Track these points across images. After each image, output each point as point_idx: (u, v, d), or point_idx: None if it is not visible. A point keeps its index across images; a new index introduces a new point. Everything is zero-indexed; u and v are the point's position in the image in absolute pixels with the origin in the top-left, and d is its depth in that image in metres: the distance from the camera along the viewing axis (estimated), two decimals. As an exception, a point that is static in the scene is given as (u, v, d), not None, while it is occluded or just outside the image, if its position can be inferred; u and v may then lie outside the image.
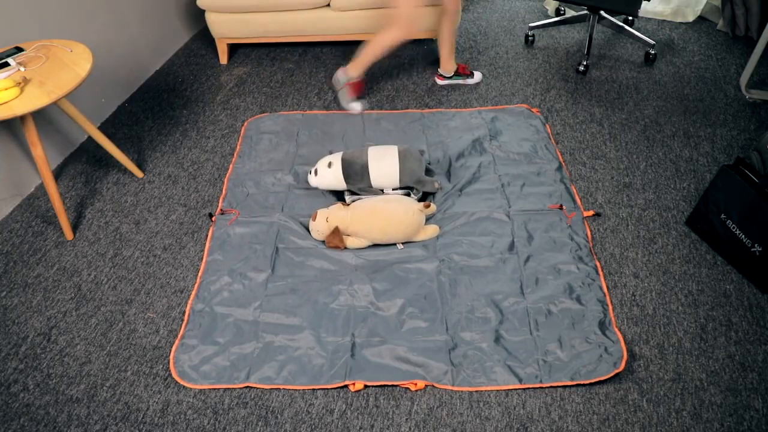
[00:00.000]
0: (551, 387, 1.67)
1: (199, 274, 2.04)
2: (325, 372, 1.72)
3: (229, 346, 1.80)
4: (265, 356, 1.77)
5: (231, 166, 2.50)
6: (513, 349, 1.74)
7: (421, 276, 1.96)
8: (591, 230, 2.12)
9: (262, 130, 2.68)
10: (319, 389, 1.70)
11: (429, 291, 1.91)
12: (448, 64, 2.85)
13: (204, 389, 1.72)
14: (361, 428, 1.61)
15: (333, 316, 1.86)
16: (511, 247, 2.03)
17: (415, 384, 1.68)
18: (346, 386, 1.70)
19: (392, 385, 1.69)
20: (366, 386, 1.69)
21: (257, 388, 1.71)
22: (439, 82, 2.93)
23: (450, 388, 1.67)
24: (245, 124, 2.74)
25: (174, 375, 1.74)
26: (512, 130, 2.58)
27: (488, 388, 1.66)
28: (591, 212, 2.15)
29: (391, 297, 1.89)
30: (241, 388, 1.71)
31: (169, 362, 1.79)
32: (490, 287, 1.91)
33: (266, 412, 1.66)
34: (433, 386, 1.68)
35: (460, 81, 2.91)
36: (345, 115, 2.75)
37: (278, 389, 1.71)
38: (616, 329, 1.78)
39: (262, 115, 2.79)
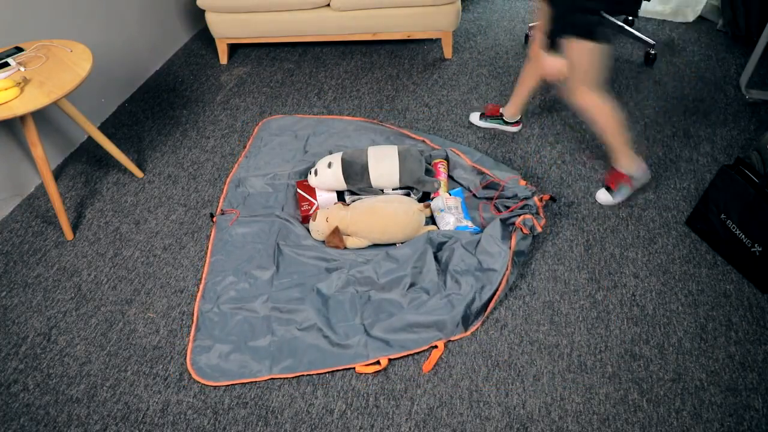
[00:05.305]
0: (550, 383, 1.67)
1: (204, 274, 2.04)
2: (346, 354, 1.76)
3: (245, 342, 1.82)
4: (282, 347, 1.80)
5: (236, 165, 2.50)
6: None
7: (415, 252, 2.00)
8: (589, 230, 2.12)
9: (273, 130, 2.68)
10: (340, 371, 1.70)
11: (424, 261, 1.95)
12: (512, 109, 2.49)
13: (220, 386, 1.72)
14: (361, 428, 1.61)
15: (339, 302, 1.90)
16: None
17: (437, 346, 1.76)
18: (353, 371, 1.70)
19: (416, 354, 1.77)
20: (390, 360, 1.76)
21: (280, 378, 1.73)
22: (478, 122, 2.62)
23: (464, 335, 1.80)
24: (259, 124, 2.74)
25: (194, 376, 1.75)
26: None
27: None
28: (547, 196, 2.14)
29: (390, 275, 1.93)
30: (241, 388, 1.72)
31: (169, 362, 1.80)
32: (480, 256, 1.96)
33: (266, 412, 1.66)
34: (451, 341, 1.80)
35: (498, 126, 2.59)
36: (353, 118, 2.75)
37: (280, 388, 1.71)
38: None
39: (277, 116, 2.78)
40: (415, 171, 2.15)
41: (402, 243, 2.08)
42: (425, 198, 2.26)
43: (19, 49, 2.13)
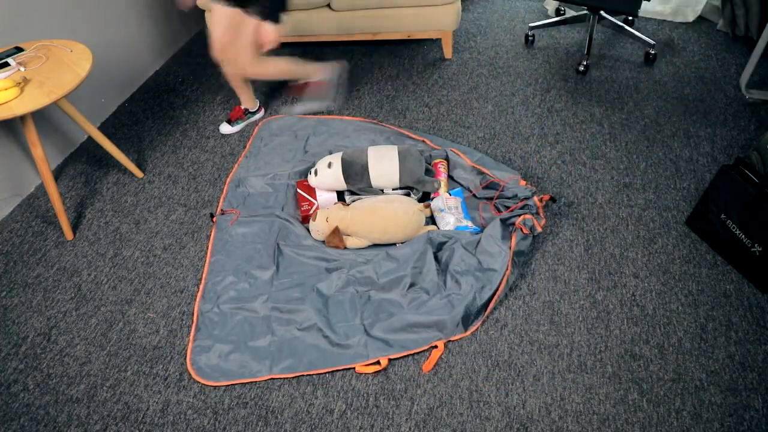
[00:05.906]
0: (550, 383, 1.67)
1: (204, 274, 2.04)
2: (346, 354, 1.76)
3: (245, 342, 1.82)
4: (282, 347, 1.80)
5: (236, 165, 2.50)
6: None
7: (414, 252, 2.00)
8: (589, 230, 2.12)
9: (273, 130, 2.68)
10: (340, 371, 1.70)
11: (424, 261, 1.95)
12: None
13: (220, 386, 1.72)
14: (361, 428, 1.61)
15: (339, 302, 1.90)
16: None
17: (437, 346, 1.76)
18: (353, 371, 1.70)
19: (416, 354, 1.77)
20: (390, 360, 1.75)
21: (280, 378, 1.73)
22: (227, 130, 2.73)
23: (464, 335, 1.80)
24: (259, 123, 2.74)
25: (194, 376, 1.75)
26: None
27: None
28: (547, 196, 2.14)
29: (390, 275, 1.93)
30: (241, 388, 1.72)
31: (169, 362, 1.80)
32: (480, 256, 1.96)
33: (266, 412, 1.66)
34: (451, 341, 1.80)
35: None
36: (353, 118, 2.75)
37: (280, 388, 1.71)
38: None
39: (277, 116, 2.78)
40: (415, 171, 2.15)
41: (402, 243, 2.08)
42: (425, 198, 2.26)
43: (19, 49, 2.13)
